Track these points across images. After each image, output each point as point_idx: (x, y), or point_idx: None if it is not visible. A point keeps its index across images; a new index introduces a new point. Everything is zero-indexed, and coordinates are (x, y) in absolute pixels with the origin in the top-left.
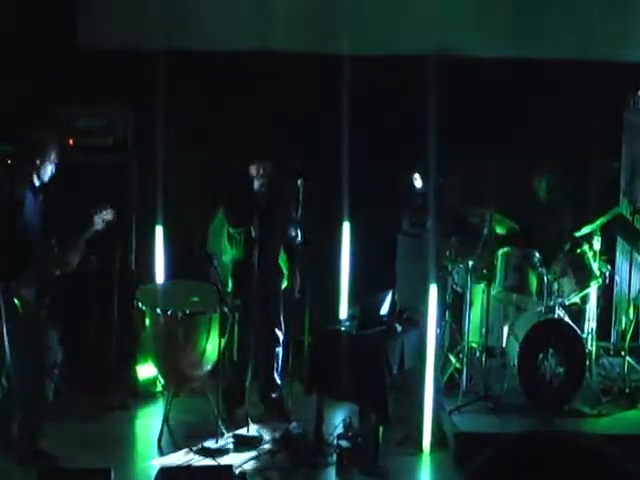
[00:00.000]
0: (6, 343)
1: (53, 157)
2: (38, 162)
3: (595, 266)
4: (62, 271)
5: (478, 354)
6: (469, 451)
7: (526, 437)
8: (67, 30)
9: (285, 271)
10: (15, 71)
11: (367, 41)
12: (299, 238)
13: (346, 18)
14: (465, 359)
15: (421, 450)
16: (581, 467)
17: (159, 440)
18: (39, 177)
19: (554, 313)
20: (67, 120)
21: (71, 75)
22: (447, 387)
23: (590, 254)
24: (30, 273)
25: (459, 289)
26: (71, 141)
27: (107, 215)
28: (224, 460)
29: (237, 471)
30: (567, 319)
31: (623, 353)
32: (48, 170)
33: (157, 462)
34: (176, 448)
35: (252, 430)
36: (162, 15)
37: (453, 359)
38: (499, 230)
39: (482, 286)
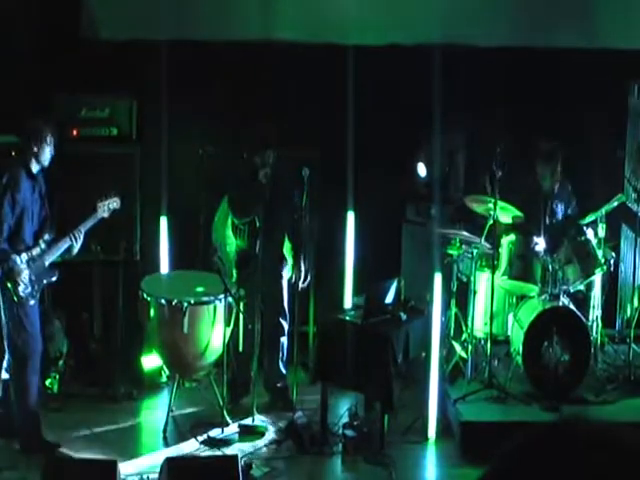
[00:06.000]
0: (4, 331)
1: (49, 140)
2: (36, 148)
3: (600, 253)
4: (62, 259)
5: (483, 342)
6: (474, 440)
7: (556, 425)
8: (70, 21)
9: (290, 261)
10: (19, 62)
11: (371, 31)
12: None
13: (350, 9)
14: (470, 347)
15: (426, 439)
16: (612, 460)
17: (164, 430)
18: (38, 162)
19: (559, 301)
20: (71, 111)
21: (74, 66)
22: (452, 376)
23: (595, 241)
24: (24, 258)
25: (464, 277)
26: (75, 132)
27: (113, 203)
28: (229, 450)
29: (242, 461)
30: (572, 307)
31: (628, 340)
32: (47, 154)
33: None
34: (181, 438)
35: (257, 420)
36: (166, 5)
37: (458, 348)
38: (504, 218)
39: (487, 274)
